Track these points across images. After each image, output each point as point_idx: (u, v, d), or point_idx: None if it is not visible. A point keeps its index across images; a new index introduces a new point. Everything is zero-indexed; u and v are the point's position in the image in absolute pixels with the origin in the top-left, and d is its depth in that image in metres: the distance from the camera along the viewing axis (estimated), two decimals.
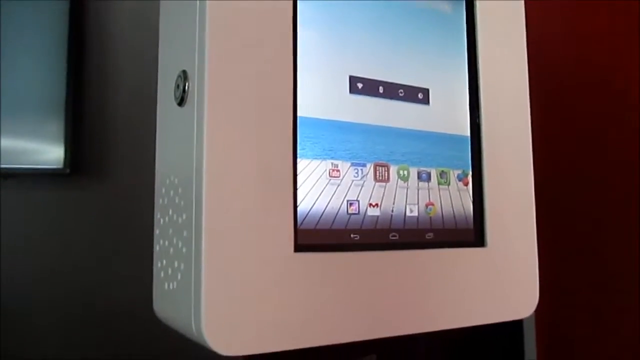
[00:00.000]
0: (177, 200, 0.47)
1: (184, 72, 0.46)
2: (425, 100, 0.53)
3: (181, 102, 0.46)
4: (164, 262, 0.50)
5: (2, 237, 0.72)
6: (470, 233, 0.54)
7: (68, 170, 0.73)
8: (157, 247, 0.53)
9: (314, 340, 0.45)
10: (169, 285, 0.48)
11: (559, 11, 1.09)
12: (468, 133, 0.56)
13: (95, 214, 0.77)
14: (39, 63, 0.73)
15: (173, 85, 0.48)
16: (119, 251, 0.78)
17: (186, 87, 0.45)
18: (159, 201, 0.53)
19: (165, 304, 0.50)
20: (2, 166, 0.69)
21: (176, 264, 0.46)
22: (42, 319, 0.73)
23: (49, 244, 0.75)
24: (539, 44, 0.87)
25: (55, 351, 0.73)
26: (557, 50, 1.09)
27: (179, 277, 0.46)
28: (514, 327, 1.14)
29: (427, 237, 0.52)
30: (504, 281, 0.55)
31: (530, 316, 1.14)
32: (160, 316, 0.52)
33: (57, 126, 0.73)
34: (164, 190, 0.51)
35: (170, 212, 0.49)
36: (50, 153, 0.72)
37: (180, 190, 0.46)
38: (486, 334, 1.11)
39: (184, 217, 0.45)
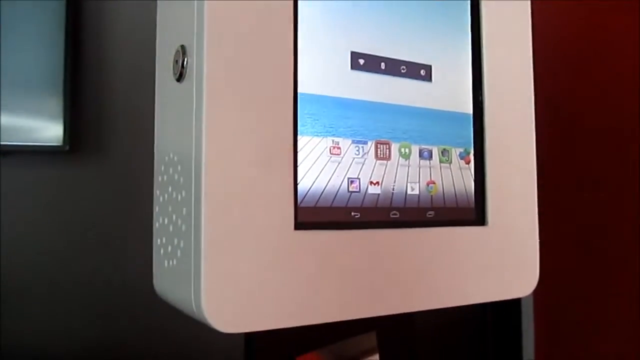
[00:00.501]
0: (176, 178, 0.47)
1: (183, 47, 0.45)
2: (428, 77, 0.53)
3: (180, 77, 0.45)
4: (164, 239, 0.50)
5: (1, 215, 0.71)
6: (471, 212, 0.54)
7: (67, 148, 0.72)
8: (156, 225, 0.53)
9: (313, 318, 0.45)
10: (168, 263, 0.48)
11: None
12: (471, 111, 0.55)
13: (95, 191, 0.77)
14: (38, 40, 0.72)
15: (171, 61, 0.47)
16: (118, 228, 0.77)
17: (185, 63, 0.44)
18: (158, 178, 0.53)
19: (165, 282, 0.50)
20: (2, 143, 0.68)
21: (175, 241, 0.46)
22: (42, 297, 0.73)
23: (48, 221, 0.74)
24: (543, 26, 0.86)
25: (55, 329, 0.73)
26: (562, 33, 1.08)
27: (178, 254, 0.45)
28: (512, 307, 1.15)
29: (428, 215, 0.51)
30: (504, 260, 0.55)
31: (529, 296, 1.15)
32: (160, 294, 0.52)
33: (56, 103, 0.72)
34: (163, 167, 0.51)
35: (170, 190, 0.48)
36: (49, 130, 0.72)
37: (179, 167, 0.46)
38: (484, 313, 1.12)
39: (183, 194, 0.45)
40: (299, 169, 0.45)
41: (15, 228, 0.72)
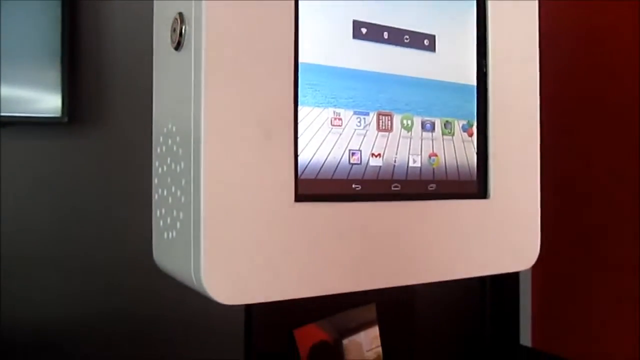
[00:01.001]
0: (175, 149, 0.46)
1: (181, 14, 0.44)
2: (431, 47, 0.52)
3: (178, 46, 0.44)
4: (163, 211, 0.50)
5: (1, 186, 0.71)
6: (473, 185, 0.54)
7: (66, 119, 0.72)
8: (155, 196, 0.52)
9: (314, 290, 0.45)
10: (168, 235, 0.48)
11: None
12: (474, 82, 0.54)
13: (94, 162, 0.76)
14: (35, 11, 0.71)
15: (169, 29, 0.46)
16: (118, 200, 0.77)
17: (183, 31, 0.43)
18: (157, 149, 0.52)
19: (165, 253, 0.49)
20: (1, 114, 0.68)
21: (175, 213, 0.46)
22: (42, 267, 0.73)
23: (48, 193, 0.74)
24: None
25: (54, 299, 0.73)
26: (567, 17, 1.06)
27: (178, 226, 0.45)
28: (510, 282, 1.15)
29: (429, 188, 0.51)
30: (505, 233, 0.55)
31: (527, 272, 1.15)
32: (160, 265, 0.52)
33: (54, 75, 0.71)
34: (161, 138, 0.50)
35: (169, 161, 0.48)
36: (48, 101, 0.71)
37: (178, 138, 0.45)
38: (483, 288, 1.13)
39: (182, 165, 0.44)
40: (299, 140, 0.44)
41: (15, 199, 0.72)
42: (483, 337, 1.13)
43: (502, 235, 0.54)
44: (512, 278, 1.16)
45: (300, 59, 0.44)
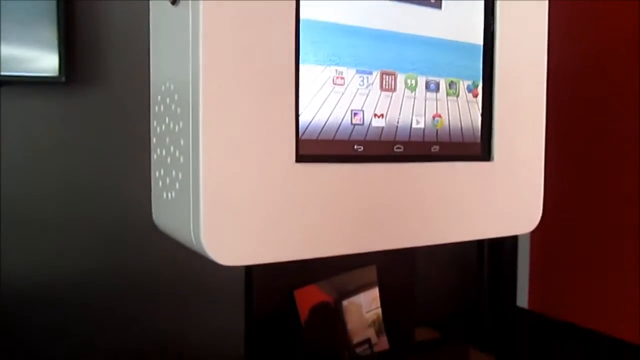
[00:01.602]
0: (173, 108, 0.45)
1: None
2: (438, 4, 0.50)
3: (174, 0, 0.42)
4: (162, 171, 0.49)
5: (1, 147, 0.70)
6: (477, 147, 0.53)
7: (64, 79, 0.70)
8: (154, 156, 0.52)
9: (314, 252, 0.44)
10: (167, 195, 0.47)
11: None
12: (481, 41, 0.52)
13: (93, 122, 0.75)
14: None
15: None
16: (117, 160, 0.76)
17: None
18: (154, 109, 0.51)
19: (164, 214, 0.49)
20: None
21: (174, 173, 0.45)
22: (41, 225, 0.73)
23: (46, 153, 0.73)
24: None
25: (54, 257, 0.73)
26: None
27: (177, 186, 0.45)
28: (508, 244, 1.16)
29: (432, 150, 0.50)
30: (508, 196, 0.54)
31: (525, 236, 1.16)
32: (160, 226, 0.52)
33: (50, 33, 0.69)
34: (159, 97, 0.49)
35: (167, 120, 0.47)
36: (45, 61, 0.69)
37: (176, 96, 0.44)
38: (481, 249, 1.13)
39: (181, 125, 0.43)
40: (300, 99, 0.43)
41: (14, 160, 0.71)
42: (481, 299, 1.14)
43: (504, 198, 0.54)
44: (510, 241, 1.17)
45: (302, 15, 0.43)
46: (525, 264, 1.18)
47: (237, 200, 0.40)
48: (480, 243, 1.14)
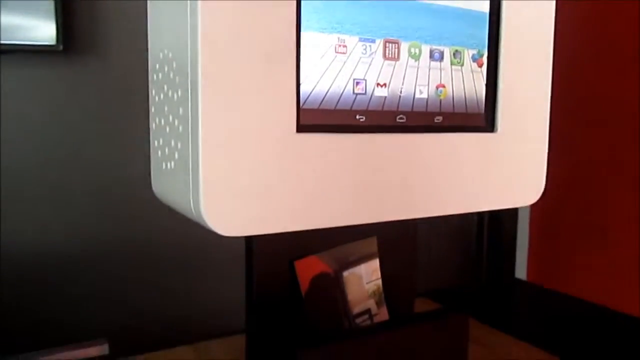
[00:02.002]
0: (171, 76, 0.44)
1: None
2: None
3: None
4: (161, 141, 0.48)
5: (1, 115, 0.70)
6: (480, 117, 0.52)
7: (61, 47, 0.70)
8: (153, 126, 0.51)
9: (314, 223, 0.44)
10: (166, 165, 0.47)
11: None
12: (487, 9, 0.51)
13: (91, 91, 0.74)
14: None
15: None
16: (116, 129, 0.76)
17: None
18: (153, 77, 0.50)
19: (164, 184, 0.49)
20: None
21: (173, 143, 0.45)
22: (40, 194, 0.73)
23: (44, 121, 0.73)
24: None
25: (54, 226, 0.73)
26: None
27: (176, 156, 0.44)
28: (508, 216, 1.16)
29: (435, 120, 0.49)
30: (511, 168, 0.54)
31: (525, 208, 1.15)
32: (159, 196, 0.51)
33: (48, 2, 0.68)
34: (157, 65, 0.48)
35: (165, 89, 0.46)
36: (42, 29, 0.68)
37: (174, 64, 0.43)
38: (481, 221, 1.13)
39: (180, 93, 0.42)
40: (302, 67, 0.42)
41: (14, 129, 0.71)
42: (480, 270, 1.15)
43: (508, 170, 0.53)
44: (510, 213, 1.17)
45: None
46: (525, 236, 1.18)
47: (237, 171, 0.40)
48: (480, 215, 1.14)
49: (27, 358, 0.71)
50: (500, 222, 1.15)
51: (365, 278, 0.59)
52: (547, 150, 0.56)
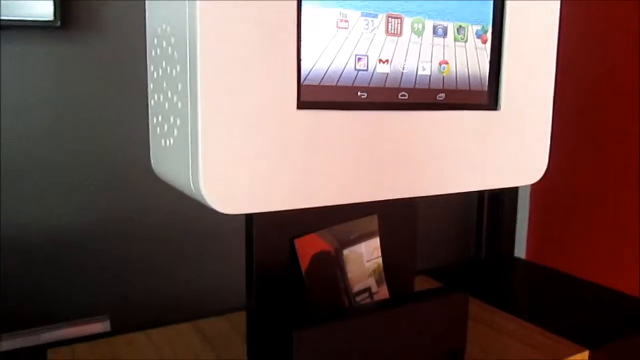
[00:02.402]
0: (170, 51, 0.43)
1: None
2: None
3: None
4: (160, 117, 0.48)
5: (1, 91, 0.69)
6: (483, 95, 0.51)
7: (59, 23, 0.69)
8: (151, 102, 0.50)
9: (315, 201, 0.44)
10: (165, 142, 0.46)
11: None
12: None
13: (89, 67, 0.74)
14: None
15: None
16: (114, 105, 0.75)
17: None
18: (151, 52, 0.49)
19: (163, 162, 0.48)
20: None
21: (172, 119, 0.44)
22: (40, 170, 0.72)
23: (43, 98, 0.72)
24: None
25: (54, 204, 0.73)
26: None
27: (175, 133, 0.43)
28: (508, 195, 1.15)
29: (438, 97, 0.49)
30: (514, 146, 0.53)
31: (525, 187, 1.15)
32: (159, 173, 0.51)
33: None
34: (155, 40, 0.47)
35: (164, 65, 0.45)
36: (41, 5, 0.68)
37: (172, 40, 0.42)
38: (481, 200, 1.13)
39: (178, 69, 0.42)
40: (302, 42, 0.41)
41: (11, 104, 0.70)
42: (479, 249, 1.15)
43: (510, 148, 0.53)
44: (510, 191, 1.16)
45: None
46: (525, 215, 1.18)
47: (236, 148, 0.39)
48: (480, 193, 1.14)
49: (31, 334, 0.71)
50: (500, 200, 1.15)
51: (365, 256, 0.59)
52: (550, 129, 0.56)
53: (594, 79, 1.02)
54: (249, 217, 0.53)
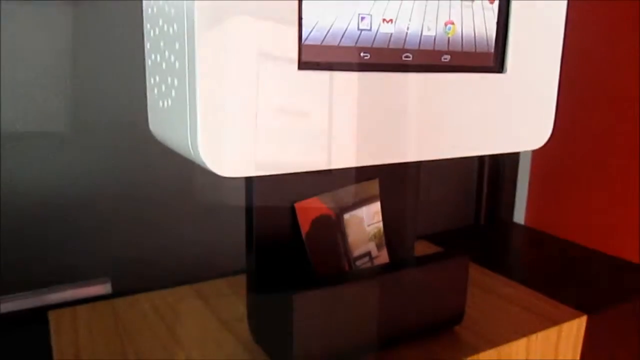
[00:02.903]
0: (166, 8, 0.42)
1: None
2: None
3: None
4: (157, 78, 0.47)
5: (1, 59, 0.68)
6: (489, 57, 0.50)
7: None
8: (148, 62, 0.49)
9: (316, 164, 0.43)
10: (163, 103, 0.45)
11: None
12: None
13: (88, 30, 0.72)
14: None
15: None
16: (111, 64, 0.74)
17: None
18: (147, 10, 0.48)
19: (161, 123, 0.47)
20: None
21: (169, 80, 0.43)
22: (41, 137, 0.72)
23: (43, 61, 0.70)
24: None
25: (54, 167, 0.73)
26: None
27: (172, 94, 0.42)
28: (509, 161, 1.15)
29: (443, 59, 0.47)
30: (519, 110, 0.52)
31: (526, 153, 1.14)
32: (157, 135, 0.50)
33: None
34: None
35: (161, 22, 0.44)
36: None
37: None
38: (482, 164, 1.12)
39: (175, 27, 0.40)
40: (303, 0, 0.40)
41: (11, 72, 0.69)
42: (478, 214, 1.15)
43: (516, 112, 0.52)
44: (511, 157, 1.16)
45: None
46: (525, 181, 1.18)
47: (235, 109, 0.38)
48: (481, 158, 1.13)
49: (31, 296, 0.72)
50: (500, 166, 1.15)
51: (366, 220, 0.59)
52: (556, 94, 0.54)
53: (594, 44, 1.00)
54: (249, 180, 0.52)
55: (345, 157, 0.44)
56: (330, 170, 0.44)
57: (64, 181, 0.73)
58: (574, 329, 0.67)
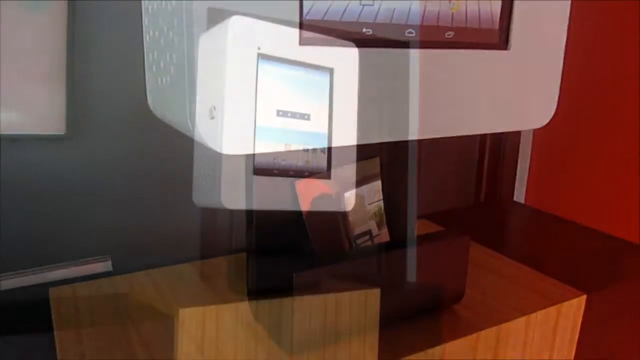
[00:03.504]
0: None
1: None
2: None
3: None
4: (155, 54, 0.46)
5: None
6: (494, 34, 0.49)
7: None
8: (147, 38, 0.48)
9: (316, 142, 0.42)
10: (162, 80, 0.45)
11: None
12: None
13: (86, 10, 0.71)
14: None
15: None
16: (110, 46, 0.73)
17: None
18: None
19: (160, 100, 0.47)
20: None
21: (168, 56, 0.42)
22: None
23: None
24: None
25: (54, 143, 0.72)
26: None
27: (171, 70, 0.42)
28: (510, 140, 1.14)
29: (446, 35, 0.46)
30: (523, 88, 0.51)
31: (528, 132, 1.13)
32: (155, 112, 0.49)
33: None
34: None
35: None
36: None
37: None
38: (484, 145, 1.12)
39: (174, 3, 0.39)
40: None
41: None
42: (479, 193, 1.15)
43: (520, 90, 0.51)
44: (513, 136, 1.15)
45: None
46: (526, 160, 1.17)
47: (235, 85, 0.38)
48: (482, 137, 1.12)
49: (32, 274, 0.72)
50: (501, 145, 1.14)
51: (367, 199, 0.59)
52: (561, 72, 0.54)
53: (596, 28, 0.99)
54: (249, 158, 0.52)
55: (347, 135, 0.43)
56: (330, 147, 0.43)
57: (62, 158, 0.73)
58: (573, 308, 0.67)
